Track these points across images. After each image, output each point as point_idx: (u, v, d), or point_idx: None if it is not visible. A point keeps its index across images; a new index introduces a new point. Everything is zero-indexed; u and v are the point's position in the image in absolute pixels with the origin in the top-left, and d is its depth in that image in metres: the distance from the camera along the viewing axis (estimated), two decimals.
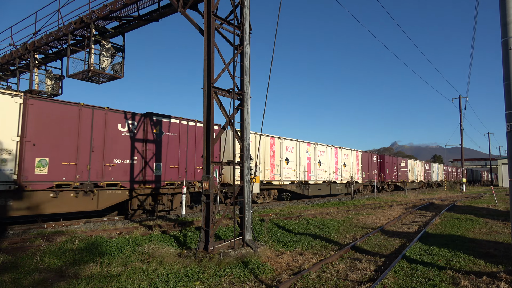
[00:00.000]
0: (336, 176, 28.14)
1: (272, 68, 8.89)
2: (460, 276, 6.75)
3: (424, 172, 50.16)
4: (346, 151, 30.30)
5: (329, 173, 27.34)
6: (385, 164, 37.95)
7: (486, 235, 11.24)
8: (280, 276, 6.72)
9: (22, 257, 7.47)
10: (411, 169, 45.04)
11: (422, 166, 50.09)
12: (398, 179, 40.73)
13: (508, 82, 7.35)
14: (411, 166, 45.66)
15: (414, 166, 46.52)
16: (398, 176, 40.81)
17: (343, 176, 29.28)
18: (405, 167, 43.49)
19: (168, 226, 12.20)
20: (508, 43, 7.57)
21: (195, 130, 16.93)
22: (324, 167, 26.77)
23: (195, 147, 16.85)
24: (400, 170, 41.50)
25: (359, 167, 32.33)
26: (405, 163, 43.49)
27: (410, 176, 44.60)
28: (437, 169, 57.34)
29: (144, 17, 11.63)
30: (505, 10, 7.83)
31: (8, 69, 17.22)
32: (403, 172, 42.37)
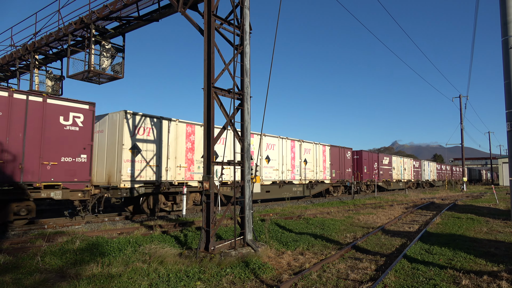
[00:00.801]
0: (292, 175, 23.23)
1: (271, 67, 8.90)
2: (461, 275, 6.74)
3: (413, 170, 45.51)
4: (308, 145, 25.34)
5: (283, 171, 22.48)
6: (362, 161, 32.96)
7: (487, 234, 11.24)
8: (281, 276, 6.72)
9: (23, 258, 7.48)
10: (396, 167, 40.51)
11: (410, 164, 45.21)
12: (380, 179, 35.81)
13: (508, 81, 7.35)
14: (397, 163, 41.07)
15: (400, 164, 41.79)
16: (380, 175, 35.96)
17: (304, 175, 24.55)
18: (389, 164, 38.78)
19: (169, 226, 12.21)
20: (508, 42, 7.57)
21: (43, 108, 12.08)
22: (274, 164, 21.78)
23: (42, 132, 12.00)
24: (382, 169, 36.76)
25: (327, 165, 27.28)
26: (388, 160, 38.72)
27: (396, 175, 40.15)
28: (429, 167, 52.51)
29: (144, 17, 11.64)
30: (505, 9, 7.83)
31: (8, 70, 17.24)
32: (386, 171, 37.61)
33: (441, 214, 16.11)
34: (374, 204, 21.55)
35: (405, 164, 43.50)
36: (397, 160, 41.53)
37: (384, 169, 37.43)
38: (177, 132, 16.39)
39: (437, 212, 17.17)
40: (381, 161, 36.88)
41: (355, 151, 33.18)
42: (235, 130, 8.79)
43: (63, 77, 15.91)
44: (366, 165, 33.37)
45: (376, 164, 35.67)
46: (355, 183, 30.98)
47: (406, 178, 43.19)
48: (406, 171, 43.63)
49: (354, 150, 33.19)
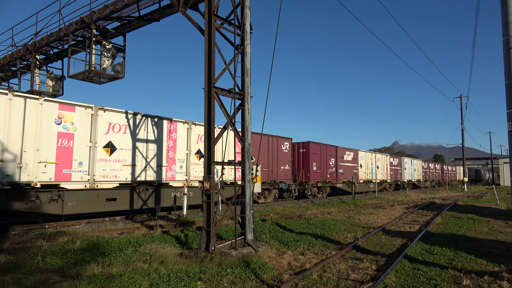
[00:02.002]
0: (169, 174, 15.65)
1: (272, 67, 8.90)
2: (462, 275, 6.73)
3: (389, 169, 38.67)
4: (199, 129, 17.00)
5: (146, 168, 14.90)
6: (310, 156, 25.25)
7: (487, 235, 11.22)
8: (281, 276, 6.72)
9: (23, 258, 7.48)
10: (365, 165, 33.61)
11: (385, 161, 38.10)
12: (339, 179, 28.76)
13: (509, 81, 7.34)
14: (365, 160, 33.84)
15: (370, 161, 34.78)
16: (338, 175, 28.79)
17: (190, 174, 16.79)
18: (353, 161, 31.63)
19: (170, 226, 12.21)
20: (509, 41, 7.56)
21: None
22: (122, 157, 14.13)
23: None
24: (343, 166, 29.78)
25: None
26: (352, 155, 31.50)
27: (363, 174, 33.30)
28: (412, 166, 45.38)
29: (145, 17, 11.65)
30: (506, 9, 7.82)
31: (9, 70, 17.26)
32: (349, 169, 30.72)
33: (442, 214, 16.10)
34: (375, 204, 21.55)
35: (377, 161, 36.32)
36: (366, 156, 34.11)
37: (346, 167, 30.28)
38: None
39: (438, 212, 17.15)
40: (340, 157, 29.48)
41: (298, 143, 25.94)
42: (236, 130, 8.79)
43: (64, 77, 15.93)
44: (316, 162, 25.85)
45: (334, 161, 28.43)
46: (294, 185, 24.19)
47: (379, 178, 36.27)
48: (380, 170, 36.61)
49: (297, 142, 25.87)
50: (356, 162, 32.01)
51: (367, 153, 34.50)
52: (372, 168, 35.20)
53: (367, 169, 34.08)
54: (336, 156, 28.81)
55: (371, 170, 34.96)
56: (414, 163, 46.33)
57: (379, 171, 36.45)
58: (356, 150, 32.27)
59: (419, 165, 48.33)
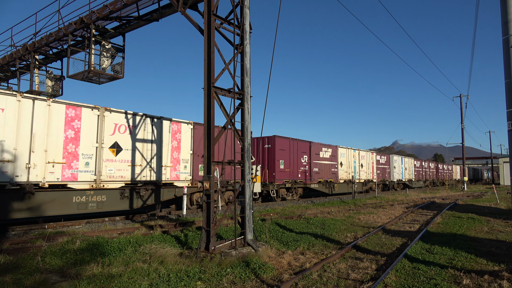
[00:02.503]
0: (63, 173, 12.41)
1: (272, 67, 8.89)
2: (462, 275, 6.73)
3: (375, 168, 35.35)
4: (118, 117, 14.06)
5: None
6: (276, 152, 21.80)
7: (487, 234, 11.22)
8: (281, 276, 6.71)
9: (23, 258, 7.48)
10: (346, 163, 30.10)
11: (370, 158, 34.44)
12: (313, 179, 25.33)
13: (509, 80, 7.33)
14: (347, 158, 30.31)
15: (352, 159, 31.16)
16: (313, 174, 25.32)
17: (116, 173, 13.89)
18: (332, 159, 28.05)
19: (169, 226, 12.21)
20: (509, 41, 7.55)
21: None
22: None
23: None
24: (319, 164, 26.24)
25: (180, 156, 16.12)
26: (330, 152, 27.82)
27: (344, 173, 29.75)
28: (402, 165, 41.86)
29: (144, 17, 11.63)
30: (505, 8, 7.82)
31: (8, 70, 17.24)
32: (326, 168, 27.08)
33: (442, 214, 16.10)
34: (374, 203, 21.55)
35: (362, 159, 32.87)
36: (348, 153, 30.63)
37: (323, 166, 26.84)
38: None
39: (437, 212, 17.15)
40: (315, 154, 25.99)
41: (262, 138, 22.69)
42: (235, 130, 8.78)
43: (63, 77, 15.91)
44: (283, 159, 22.68)
45: (307, 158, 25.09)
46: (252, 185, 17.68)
47: (363, 178, 32.98)
48: (364, 169, 33.23)
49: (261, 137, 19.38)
50: (335, 160, 28.56)
51: (349, 150, 31.04)
52: (355, 167, 31.57)
53: (349, 167, 30.64)
54: (309, 152, 25.37)
55: (354, 169, 31.33)
56: (405, 161, 42.78)
57: (363, 170, 33.02)
58: (335, 147, 28.83)
59: (411, 163, 44.99)
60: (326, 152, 27.43)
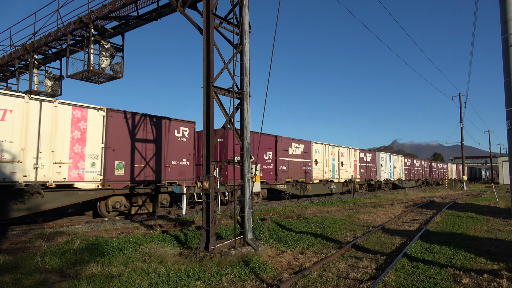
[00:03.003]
0: None
1: (271, 66, 8.88)
2: (462, 274, 6.73)
3: (358, 166, 31.94)
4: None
5: None
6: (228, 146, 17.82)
7: (487, 233, 11.23)
8: (281, 275, 6.71)
9: (22, 258, 7.47)
10: (322, 161, 26.44)
11: (352, 156, 30.96)
12: (279, 178, 21.91)
13: (508, 79, 7.33)
14: (323, 155, 26.71)
15: (329, 156, 27.44)
16: (279, 173, 21.90)
17: None
18: (305, 156, 24.63)
19: (169, 225, 12.20)
20: (508, 40, 7.55)
21: None
22: None
23: None
24: (288, 162, 22.79)
25: (84, 150, 13.06)
26: (303, 149, 24.47)
27: (319, 172, 26.15)
28: (391, 163, 38.44)
29: (143, 17, 11.62)
30: (505, 7, 7.81)
31: (7, 70, 17.22)
32: (297, 166, 23.70)
33: (441, 213, 16.11)
34: (374, 203, 21.56)
35: (342, 157, 29.05)
36: (325, 150, 26.88)
37: (293, 164, 23.36)
38: None
39: (437, 211, 17.17)
40: (283, 150, 22.43)
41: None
42: (235, 129, 8.78)
43: (63, 76, 15.90)
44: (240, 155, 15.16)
45: (271, 155, 21.48)
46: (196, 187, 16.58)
47: (344, 177, 29.14)
48: (345, 167, 29.59)
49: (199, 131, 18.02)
50: (308, 157, 24.99)
51: (326, 146, 27.28)
52: (334, 165, 28.11)
53: (326, 166, 27.06)
54: (275, 148, 21.82)
55: (332, 168, 27.80)
56: (393, 159, 39.50)
57: (344, 169, 29.37)
58: (308, 142, 25.29)
59: (401, 161, 41.51)
60: (296, 148, 23.88)
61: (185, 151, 16.77)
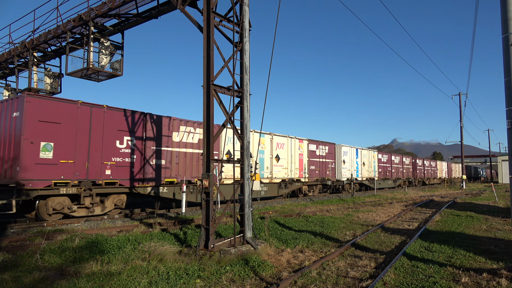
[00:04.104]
0: None
1: (271, 65, 8.86)
2: (461, 273, 6.74)
3: (307, 162, 24.46)
4: None
5: None
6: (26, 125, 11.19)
7: (486, 232, 11.25)
8: (280, 274, 6.72)
9: (22, 256, 7.47)
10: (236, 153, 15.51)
11: (296, 148, 23.27)
12: (150, 178, 14.84)
13: (508, 78, 7.32)
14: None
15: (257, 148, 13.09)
16: (148, 170, 14.79)
17: None
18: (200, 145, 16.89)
19: (168, 224, 12.20)
20: (508, 39, 7.54)
21: None
22: None
23: None
24: (170, 154, 15.70)
25: None
26: (199, 135, 16.93)
27: (231, 170, 16.57)
28: (357, 158, 31.49)
29: (143, 15, 11.58)
30: (505, 6, 7.80)
31: (6, 68, 17.16)
32: (188, 160, 16.43)
33: (441, 212, 16.12)
34: (373, 202, 21.59)
35: (278, 149, 21.60)
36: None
37: (182, 156, 16.16)
38: None
39: (436, 210, 17.19)
40: (164, 135, 15.42)
41: (6, 101, 12.39)
42: (235, 128, 8.77)
43: (62, 74, 15.86)
44: (55, 140, 12.15)
45: (131, 142, 14.39)
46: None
47: (280, 176, 21.75)
48: (283, 163, 22.04)
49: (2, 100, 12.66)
50: (216, 148, 17.02)
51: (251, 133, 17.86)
52: (264, 160, 20.36)
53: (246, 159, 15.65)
54: (143, 130, 14.73)
55: (261, 163, 20.36)
56: (362, 154, 32.52)
57: (280, 165, 21.62)
58: (216, 126, 15.83)
59: (372, 157, 34.51)
60: (190, 135, 16.20)
61: None
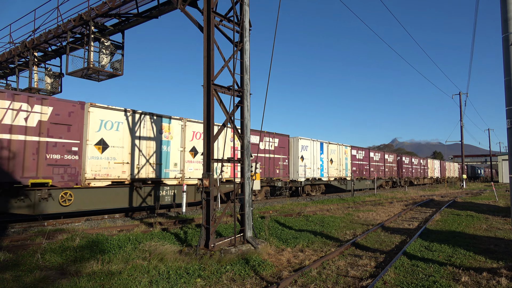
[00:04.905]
0: None
1: (271, 64, 8.87)
2: (461, 272, 6.76)
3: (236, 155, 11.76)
4: None
5: None
6: None
7: (486, 231, 11.25)
8: (281, 273, 6.73)
9: (23, 255, 7.48)
10: (122, 146, 13.68)
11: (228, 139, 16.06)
12: None
13: (508, 78, 7.33)
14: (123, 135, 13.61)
15: (158, 137, 14.68)
16: None
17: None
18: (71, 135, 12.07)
19: (169, 223, 12.22)
20: (508, 38, 7.54)
21: None
22: None
23: None
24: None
25: None
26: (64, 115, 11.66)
27: (111, 167, 13.33)
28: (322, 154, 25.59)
29: (143, 14, 11.60)
30: (505, 6, 7.80)
31: (7, 67, 17.18)
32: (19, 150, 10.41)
33: (441, 211, 16.13)
34: (374, 201, 21.59)
35: (196, 138, 16.58)
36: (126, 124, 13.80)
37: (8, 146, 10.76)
38: None
39: (436, 209, 17.19)
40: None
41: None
42: (235, 128, 8.78)
43: (62, 74, 15.89)
44: None
45: None
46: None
47: (196, 176, 16.52)
48: (199, 159, 16.52)
49: None
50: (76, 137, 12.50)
51: (147, 116, 14.64)
52: (169, 155, 15.54)
53: (137, 157, 14.24)
54: None
55: (161, 159, 15.10)
56: (329, 149, 26.31)
57: (197, 161, 16.42)
58: (80, 104, 12.60)
59: (344, 153, 28.58)
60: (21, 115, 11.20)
61: None
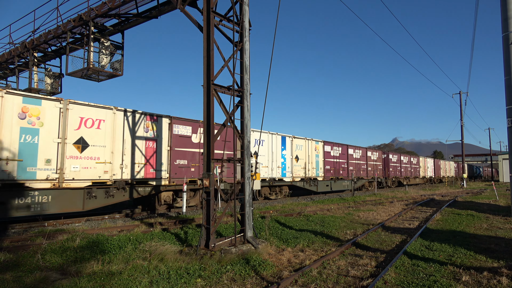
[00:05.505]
0: None
1: (271, 64, 8.87)
2: (461, 271, 6.75)
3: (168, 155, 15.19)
4: None
5: None
6: None
7: (487, 231, 11.24)
8: (281, 273, 6.72)
9: (23, 256, 7.48)
10: None
11: (141, 128, 14.24)
12: None
13: (508, 77, 7.33)
14: None
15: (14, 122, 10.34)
16: None
17: None
18: None
19: (169, 223, 12.22)
20: (508, 37, 7.54)
21: None
22: None
23: None
24: None
25: None
26: None
27: None
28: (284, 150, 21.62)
29: (143, 14, 11.59)
30: (505, 5, 7.80)
31: (7, 68, 17.19)
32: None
33: (441, 211, 16.12)
34: (374, 201, 21.59)
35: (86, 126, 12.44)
36: None
37: None
38: None
39: (437, 209, 17.18)
40: None
41: None
42: (235, 127, 8.77)
43: (62, 74, 15.88)
44: None
45: None
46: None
47: (85, 177, 12.32)
48: (98, 153, 12.85)
49: None
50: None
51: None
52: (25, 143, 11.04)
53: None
54: None
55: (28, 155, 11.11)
56: (294, 145, 22.56)
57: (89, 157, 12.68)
58: None
59: (314, 149, 24.51)
60: None
61: None
